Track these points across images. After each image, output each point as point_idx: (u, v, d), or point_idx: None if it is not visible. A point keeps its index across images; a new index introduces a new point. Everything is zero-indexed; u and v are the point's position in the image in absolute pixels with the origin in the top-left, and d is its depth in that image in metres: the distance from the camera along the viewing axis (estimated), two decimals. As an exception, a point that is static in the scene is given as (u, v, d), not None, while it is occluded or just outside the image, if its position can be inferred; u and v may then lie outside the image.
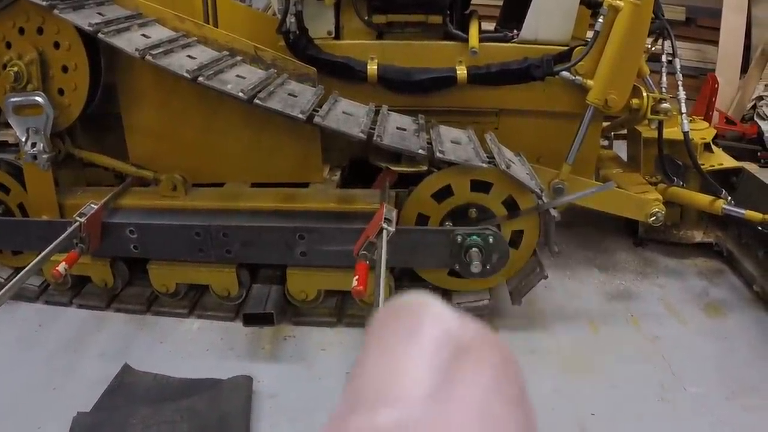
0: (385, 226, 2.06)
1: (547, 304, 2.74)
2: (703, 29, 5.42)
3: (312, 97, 2.33)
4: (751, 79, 4.97)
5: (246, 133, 2.57)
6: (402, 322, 0.34)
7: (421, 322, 0.33)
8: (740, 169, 3.13)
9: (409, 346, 0.32)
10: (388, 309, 0.35)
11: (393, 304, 0.35)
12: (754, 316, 2.69)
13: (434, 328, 0.33)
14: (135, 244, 2.50)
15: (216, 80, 2.22)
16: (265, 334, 2.51)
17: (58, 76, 2.47)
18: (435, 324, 0.33)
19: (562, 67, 2.62)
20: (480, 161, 2.26)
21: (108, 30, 2.26)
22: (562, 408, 2.17)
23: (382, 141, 2.20)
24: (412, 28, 2.79)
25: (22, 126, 2.48)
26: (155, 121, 2.60)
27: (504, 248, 2.35)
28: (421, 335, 0.33)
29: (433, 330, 0.33)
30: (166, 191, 2.57)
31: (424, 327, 0.33)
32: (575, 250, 3.17)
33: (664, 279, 2.96)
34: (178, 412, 2.08)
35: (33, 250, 2.39)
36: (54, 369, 2.35)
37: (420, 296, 0.36)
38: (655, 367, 2.37)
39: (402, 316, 0.34)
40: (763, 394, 2.24)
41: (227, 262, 2.52)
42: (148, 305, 2.68)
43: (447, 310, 0.35)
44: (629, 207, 2.78)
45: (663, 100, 2.64)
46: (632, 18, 2.46)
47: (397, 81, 2.67)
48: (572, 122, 2.67)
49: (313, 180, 2.65)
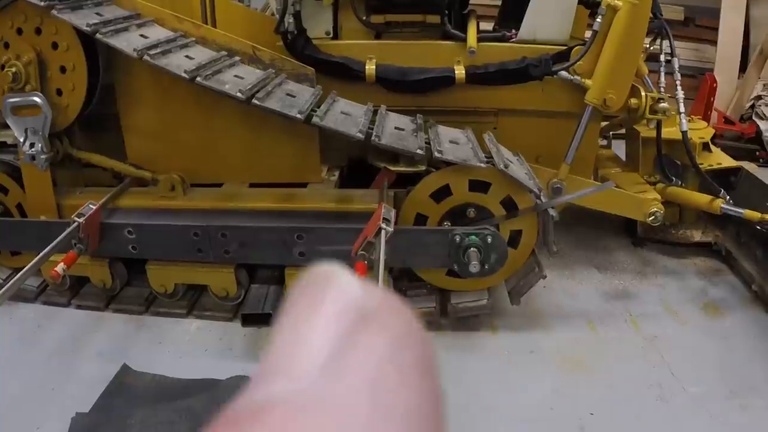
0: (383, 226, 2.05)
1: (546, 303, 2.74)
2: (702, 29, 5.42)
3: (310, 97, 2.33)
4: (750, 79, 4.97)
5: (244, 133, 2.57)
6: (307, 294, 0.34)
7: (324, 291, 0.33)
8: (739, 169, 3.13)
9: (311, 316, 0.32)
10: (300, 282, 0.35)
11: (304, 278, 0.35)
12: (753, 315, 2.69)
13: (337, 297, 0.33)
14: (133, 244, 2.49)
15: (214, 80, 2.21)
16: (264, 335, 2.51)
17: (56, 76, 2.47)
18: (338, 293, 0.33)
19: (561, 66, 2.62)
20: (478, 161, 2.26)
21: (106, 30, 2.26)
22: (561, 407, 2.17)
23: (380, 141, 2.19)
24: (411, 28, 2.79)
25: (20, 126, 2.48)
26: (153, 122, 2.60)
27: (502, 248, 2.35)
28: (324, 305, 0.32)
29: (337, 299, 0.33)
30: (165, 191, 2.57)
31: (327, 296, 0.33)
32: (574, 250, 3.17)
33: (662, 279, 2.96)
34: (176, 413, 2.07)
35: (31, 250, 2.39)
36: (52, 369, 2.35)
37: (327, 267, 0.35)
38: (654, 367, 2.37)
39: (308, 288, 0.34)
40: (763, 393, 2.24)
41: (226, 263, 2.52)
42: (147, 306, 2.67)
43: (353, 280, 0.34)
44: (628, 207, 2.78)
45: (661, 100, 2.64)
46: (630, 17, 2.46)
47: (395, 81, 2.67)
48: (571, 122, 2.67)
49: (311, 180, 2.65)
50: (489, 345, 2.50)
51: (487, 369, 2.36)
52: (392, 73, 2.66)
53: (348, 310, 0.32)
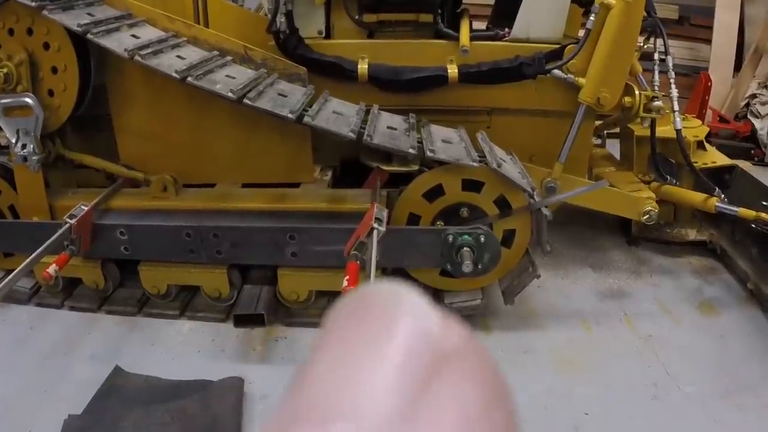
0: (375, 226, 2.04)
1: (540, 303, 2.73)
2: (696, 28, 5.42)
3: (302, 97, 2.32)
4: (744, 77, 4.97)
5: (236, 133, 2.57)
6: (370, 319, 0.28)
7: (393, 320, 0.28)
8: (733, 167, 3.13)
9: (377, 349, 0.27)
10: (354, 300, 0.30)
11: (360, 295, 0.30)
12: (748, 314, 2.69)
13: (410, 328, 0.28)
14: (125, 245, 2.48)
15: (205, 80, 2.21)
16: (257, 336, 2.50)
17: (47, 77, 2.46)
18: (411, 324, 0.28)
19: (554, 65, 2.61)
20: (471, 160, 2.25)
21: (97, 30, 2.25)
22: (556, 407, 2.17)
23: (372, 140, 2.19)
24: (403, 27, 2.78)
25: (12, 127, 2.47)
26: (145, 122, 2.59)
27: (496, 247, 2.34)
28: (393, 337, 0.27)
29: (409, 331, 0.27)
30: (157, 192, 2.56)
31: (398, 326, 0.28)
32: (568, 249, 3.16)
33: (657, 277, 2.96)
34: (169, 414, 2.07)
35: (24, 252, 2.37)
36: (45, 371, 2.34)
37: (395, 287, 0.30)
38: (649, 366, 2.37)
39: (370, 311, 0.29)
40: (758, 392, 2.23)
41: (218, 263, 2.51)
42: (140, 307, 2.66)
43: (427, 308, 0.29)
44: (622, 205, 2.78)
45: (655, 98, 2.64)
46: (624, 16, 2.46)
47: (387, 80, 2.66)
48: (564, 121, 2.66)
49: (304, 180, 2.65)
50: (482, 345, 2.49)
51: (481, 369, 2.34)
52: (385, 72, 2.65)
53: (423, 347, 0.27)
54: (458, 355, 0.28)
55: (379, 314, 0.28)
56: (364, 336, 0.27)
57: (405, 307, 0.29)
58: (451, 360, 0.27)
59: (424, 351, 0.27)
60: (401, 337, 0.27)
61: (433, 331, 0.28)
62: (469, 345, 0.29)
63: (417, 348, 0.27)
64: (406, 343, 0.27)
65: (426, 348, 0.27)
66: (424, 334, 0.28)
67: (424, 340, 0.27)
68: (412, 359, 0.26)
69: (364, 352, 0.27)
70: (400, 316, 0.28)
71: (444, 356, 0.27)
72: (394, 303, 0.29)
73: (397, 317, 0.28)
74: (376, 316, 0.28)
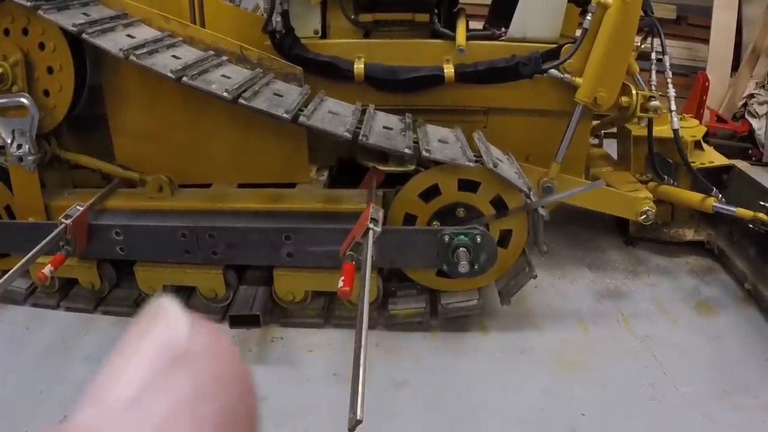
0: (371, 226, 2.04)
1: (537, 303, 2.73)
2: (694, 27, 5.42)
3: (298, 97, 2.31)
4: (742, 77, 4.96)
5: (232, 133, 2.56)
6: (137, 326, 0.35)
7: (149, 326, 0.34)
8: (731, 167, 3.13)
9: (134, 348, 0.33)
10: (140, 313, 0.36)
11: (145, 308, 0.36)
12: (746, 314, 2.68)
13: (162, 331, 0.34)
14: (121, 245, 2.48)
15: (200, 80, 2.20)
16: (252, 336, 2.50)
17: (43, 77, 2.46)
18: (164, 328, 0.34)
19: (551, 64, 2.61)
20: (467, 160, 2.24)
21: (92, 30, 2.25)
22: (552, 408, 2.16)
23: (368, 140, 2.18)
24: (399, 27, 2.78)
25: (7, 127, 2.47)
26: (141, 122, 2.58)
27: (492, 248, 2.34)
28: (147, 338, 0.33)
29: (160, 333, 0.34)
30: (153, 192, 2.55)
31: (152, 330, 0.34)
32: (565, 250, 3.16)
33: (655, 278, 2.95)
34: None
35: (20, 252, 2.36)
36: (41, 372, 2.33)
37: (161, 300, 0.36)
38: (646, 367, 2.36)
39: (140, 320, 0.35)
40: (755, 392, 2.23)
41: (214, 264, 2.51)
42: (136, 307, 2.65)
43: (182, 316, 0.35)
44: (619, 205, 2.78)
45: (652, 98, 2.63)
46: (621, 15, 2.46)
47: (384, 80, 2.65)
48: (561, 120, 2.66)
49: (300, 180, 2.64)
50: (479, 346, 2.49)
51: (478, 370, 2.34)
52: (381, 72, 2.65)
53: (168, 347, 0.33)
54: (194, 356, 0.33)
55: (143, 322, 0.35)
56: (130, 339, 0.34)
57: (161, 316, 0.35)
58: (184, 358, 0.33)
59: (167, 349, 0.33)
60: (153, 337, 0.33)
61: (181, 333, 0.34)
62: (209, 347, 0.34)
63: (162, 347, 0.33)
64: (154, 343, 0.33)
65: (170, 347, 0.33)
66: (172, 336, 0.34)
67: (170, 340, 0.33)
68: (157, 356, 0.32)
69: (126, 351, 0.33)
70: (155, 323, 0.34)
71: (181, 355, 0.33)
72: (154, 313, 0.35)
73: (152, 324, 0.34)
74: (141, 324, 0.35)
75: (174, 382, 0.32)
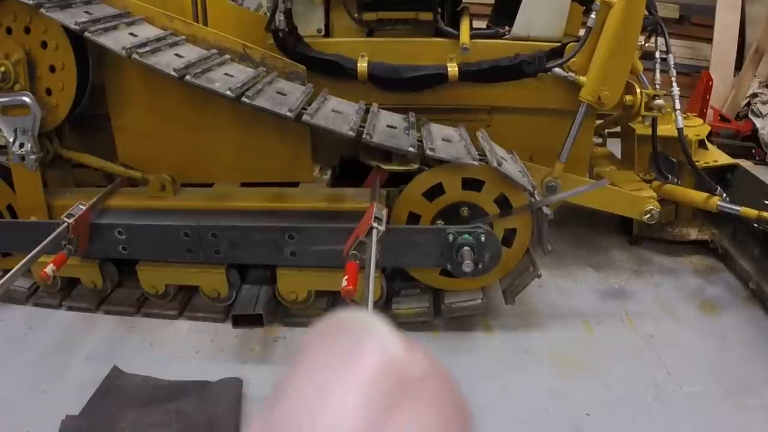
0: (375, 225, 2.03)
1: (541, 303, 2.72)
2: (697, 27, 5.41)
3: (301, 96, 2.30)
4: (745, 77, 4.96)
5: (235, 132, 2.55)
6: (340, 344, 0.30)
7: (361, 346, 0.30)
8: (735, 166, 3.12)
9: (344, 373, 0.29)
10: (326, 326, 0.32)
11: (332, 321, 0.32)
12: (750, 314, 2.67)
13: (376, 354, 0.30)
14: (124, 245, 2.47)
15: (203, 79, 2.19)
16: (255, 336, 2.49)
17: (45, 75, 2.45)
18: (377, 350, 0.30)
19: (555, 63, 2.60)
20: (471, 159, 2.24)
21: (95, 29, 2.24)
22: (556, 408, 2.16)
23: (371, 139, 2.17)
24: (403, 26, 2.77)
25: (9, 126, 2.47)
26: (144, 121, 2.58)
27: (496, 247, 2.33)
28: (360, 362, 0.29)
29: (375, 357, 0.30)
30: (155, 191, 2.55)
31: (365, 352, 0.30)
32: (569, 249, 3.15)
33: (659, 277, 2.94)
34: (167, 415, 2.06)
35: (22, 251, 2.36)
36: (43, 371, 2.33)
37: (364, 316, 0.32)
38: (650, 367, 2.35)
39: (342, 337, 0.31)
40: (759, 392, 2.22)
41: (216, 263, 2.50)
42: (138, 307, 2.65)
43: (393, 336, 0.31)
44: (623, 205, 2.77)
45: (657, 97, 2.63)
46: (625, 14, 2.45)
47: (387, 79, 2.64)
48: (565, 119, 2.65)
49: (303, 179, 2.63)
50: (483, 345, 2.48)
51: (482, 369, 2.33)
52: (384, 70, 2.64)
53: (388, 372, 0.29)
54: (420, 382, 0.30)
55: (350, 340, 0.30)
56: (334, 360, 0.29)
57: (373, 334, 0.31)
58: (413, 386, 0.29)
59: (388, 376, 0.29)
60: (368, 362, 0.29)
61: (397, 358, 0.30)
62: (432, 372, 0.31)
63: (382, 373, 0.29)
64: (372, 369, 0.29)
65: (390, 374, 0.29)
66: (390, 361, 0.30)
67: (389, 366, 0.29)
68: (378, 383, 0.28)
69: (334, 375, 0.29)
70: (368, 343, 0.30)
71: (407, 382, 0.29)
72: (364, 330, 0.31)
73: (365, 344, 0.30)
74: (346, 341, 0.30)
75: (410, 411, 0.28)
